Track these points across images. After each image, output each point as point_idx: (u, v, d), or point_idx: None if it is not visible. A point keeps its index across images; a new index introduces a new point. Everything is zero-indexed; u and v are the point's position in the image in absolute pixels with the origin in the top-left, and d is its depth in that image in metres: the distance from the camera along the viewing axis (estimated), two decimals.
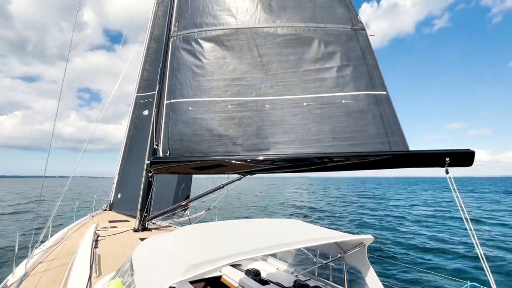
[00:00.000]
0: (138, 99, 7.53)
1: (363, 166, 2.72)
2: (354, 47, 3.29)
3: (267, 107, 3.12)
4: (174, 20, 3.56)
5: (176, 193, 6.96)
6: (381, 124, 3.02)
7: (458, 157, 2.58)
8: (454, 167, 2.59)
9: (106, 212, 7.20)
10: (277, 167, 2.69)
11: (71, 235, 4.92)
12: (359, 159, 2.74)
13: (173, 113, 3.13)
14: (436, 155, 2.61)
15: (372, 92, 3.13)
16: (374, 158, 2.72)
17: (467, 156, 2.60)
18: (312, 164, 2.74)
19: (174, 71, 3.30)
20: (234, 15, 3.45)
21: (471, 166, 2.63)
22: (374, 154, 2.81)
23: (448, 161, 2.53)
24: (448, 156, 2.55)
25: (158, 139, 3.18)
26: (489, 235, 10.78)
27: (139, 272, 1.73)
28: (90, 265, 2.95)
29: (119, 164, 7.58)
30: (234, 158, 2.70)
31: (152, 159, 2.82)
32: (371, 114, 3.05)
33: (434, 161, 2.62)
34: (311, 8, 3.41)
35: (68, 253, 3.75)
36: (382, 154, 2.79)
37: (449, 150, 2.62)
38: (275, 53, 3.27)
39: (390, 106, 3.10)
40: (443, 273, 6.27)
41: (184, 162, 2.74)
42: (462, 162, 2.60)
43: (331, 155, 2.81)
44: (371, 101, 3.10)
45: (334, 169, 2.70)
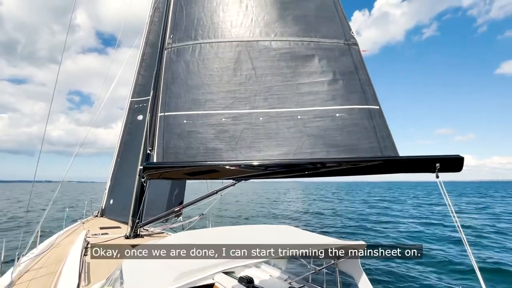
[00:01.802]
0: (132, 104, 7.48)
1: (355, 171, 2.78)
2: (347, 61, 3.37)
3: (261, 119, 3.15)
4: (168, 32, 3.58)
5: (170, 199, 6.88)
6: (375, 138, 3.09)
7: (447, 162, 2.63)
8: (444, 173, 2.62)
9: (98, 218, 7.06)
10: (271, 173, 2.73)
11: (60, 242, 4.81)
12: (351, 164, 2.79)
13: (168, 126, 3.13)
14: (426, 160, 2.66)
15: (365, 107, 3.20)
16: (366, 164, 2.78)
17: (457, 161, 2.66)
18: (305, 170, 2.77)
19: (169, 84, 3.32)
20: (229, 29, 3.50)
21: (460, 171, 2.68)
22: (366, 160, 2.89)
23: (438, 167, 2.57)
24: (438, 161, 2.59)
25: (152, 144, 3.17)
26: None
27: (129, 280, 1.70)
28: (79, 273, 2.88)
29: (112, 170, 7.48)
30: (228, 164, 2.71)
31: (145, 164, 2.81)
32: (364, 128, 3.12)
33: (424, 166, 2.66)
34: (306, 23, 3.48)
35: (57, 261, 3.66)
36: (373, 160, 2.85)
37: (439, 156, 2.68)
38: (269, 66, 3.32)
39: (383, 120, 3.18)
40: (439, 279, 6.31)
41: (177, 168, 2.73)
42: (451, 167, 2.65)
43: (324, 160, 2.88)
44: (364, 115, 3.17)
45: (326, 174, 2.75)
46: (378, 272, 6.78)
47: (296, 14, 3.51)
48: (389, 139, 3.09)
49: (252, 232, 2.51)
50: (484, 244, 10.20)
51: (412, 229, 13.27)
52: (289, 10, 3.54)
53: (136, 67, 7.49)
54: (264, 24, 3.47)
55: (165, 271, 1.60)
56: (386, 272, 6.73)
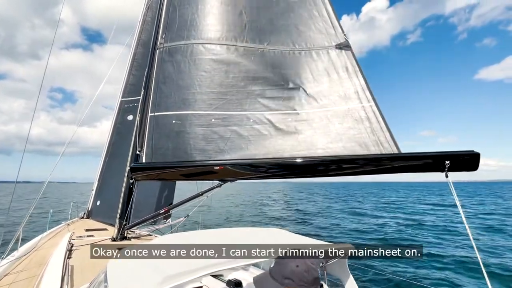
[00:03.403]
0: (122, 104, 7.36)
1: (351, 170, 2.57)
2: (341, 63, 3.37)
3: (251, 121, 3.16)
4: (161, 32, 3.56)
5: (159, 201, 6.78)
6: (373, 134, 2.96)
7: (459, 160, 2.22)
8: (455, 172, 2.23)
9: (83, 220, 6.87)
10: (258, 174, 2.69)
11: (43, 245, 4.64)
12: (349, 163, 2.57)
13: (157, 126, 3.11)
14: (434, 158, 2.28)
15: (361, 105, 3.13)
16: (362, 163, 2.52)
17: (471, 158, 2.22)
18: (303, 168, 2.66)
19: (160, 84, 3.29)
20: (222, 32, 3.51)
21: (476, 170, 2.23)
22: (360, 158, 2.63)
23: (448, 165, 2.21)
24: (448, 159, 2.22)
25: (141, 145, 3.13)
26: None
27: (113, 284, 1.65)
28: (62, 277, 2.79)
29: (100, 170, 7.32)
30: (215, 164, 2.68)
31: (132, 165, 2.76)
32: (363, 126, 3.01)
33: (431, 165, 2.29)
34: (298, 30, 3.52)
35: (39, 264, 3.53)
36: (366, 159, 2.58)
37: (449, 152, 2.27)
38: (261, 69, 3.34)
39: (381, 117, 3.05)
40: (425, 282, 6.41)
41: (164, 169, 2.70)
42: (464, 166, 2.24)
43: (326, 158, 2.71)
44: (361, 113, 3.09)
45: (329, 174, 2.55)
46: (365, 274, 6.84)
47: (289, 22, 3.55)
48: (389, 134, 2.86)
49: (241, 234, 2.50)
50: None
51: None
52: (283, 17, 3.58)
53: (127, 67, 7.39)
54: (257, 30, 3.49)
55: (151, 274, 1.57)
56: (376, 274, 6.80)
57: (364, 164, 2.54)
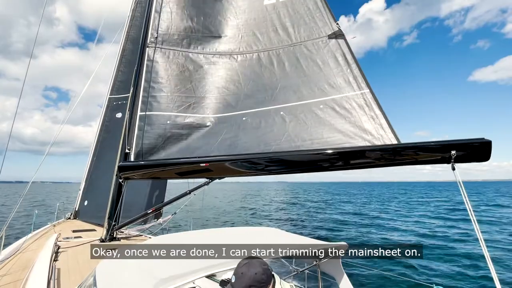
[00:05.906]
0: (111, 101, 7.18)
1: (348, 163, 2.45)
2: (333, 52, 3.33)
3: (244, 119, 3.14)
4: (151, 29, 3.50)
5: (149, 200, 6.66)
6: (370, 122, 2.86)
7: (467, 149, 1.93)
8: (463, 163, 1.94)
9: (70, 220, 6.68)
10: (246, 170, 2.63)
11: (27, 247, 4.48)
12: (345, 156, 2.42)
13: (148, 126, 3.06)
14: (437, 148, 2.01)
15: (355, 93, 3.04)
16: (358, 156, 2.37)
17: (481, 147, 1.92)
18: (303, 164, 2.60)
19: (151, 83, 3.23)
20: (216, 37, 3.51)
21: (487, 160, 1.94)
22: (355, 150, 2.47)
23: (455, 155, 1.93)
24: (454, 148, 1.93)
25: (130, 143, 3.05)
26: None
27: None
28: (48, 281, 2.69)
29: (87, 169, 7.12)
30: (201, 161, 2.63)
31: (121, 163, 2.68)
32: (357, 114, 2.93)
33: (435, 156, 2.04)
34: (291, 30, 3.51)
35: (23, 267, 3.40)
36: (363, 151, 2.39)
37: (455, 140, 1.97)
38: (255, 71, 3.35)
39: (377, 104, 2.97)
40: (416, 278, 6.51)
41: (153, 167, 2.63)
42: (473, 156, 1.95)
43: (325, 151, 2.59)
44: (357, 101, 3.02)
45: (330, 168, 2.48)
46: (359, 271, 6.93)
47: (282, 23, 3.56)
48: (385, 120, 2.73)
49: (234, 234, 2.47)
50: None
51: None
52: (275, 21, 3.58)
53: (115, 63, 7.20)
54: (252, 35, 3.51)
55: (142, 278, 1.52)
56: (366, 271, 6.89)
57: (363, 156, 2.39)
